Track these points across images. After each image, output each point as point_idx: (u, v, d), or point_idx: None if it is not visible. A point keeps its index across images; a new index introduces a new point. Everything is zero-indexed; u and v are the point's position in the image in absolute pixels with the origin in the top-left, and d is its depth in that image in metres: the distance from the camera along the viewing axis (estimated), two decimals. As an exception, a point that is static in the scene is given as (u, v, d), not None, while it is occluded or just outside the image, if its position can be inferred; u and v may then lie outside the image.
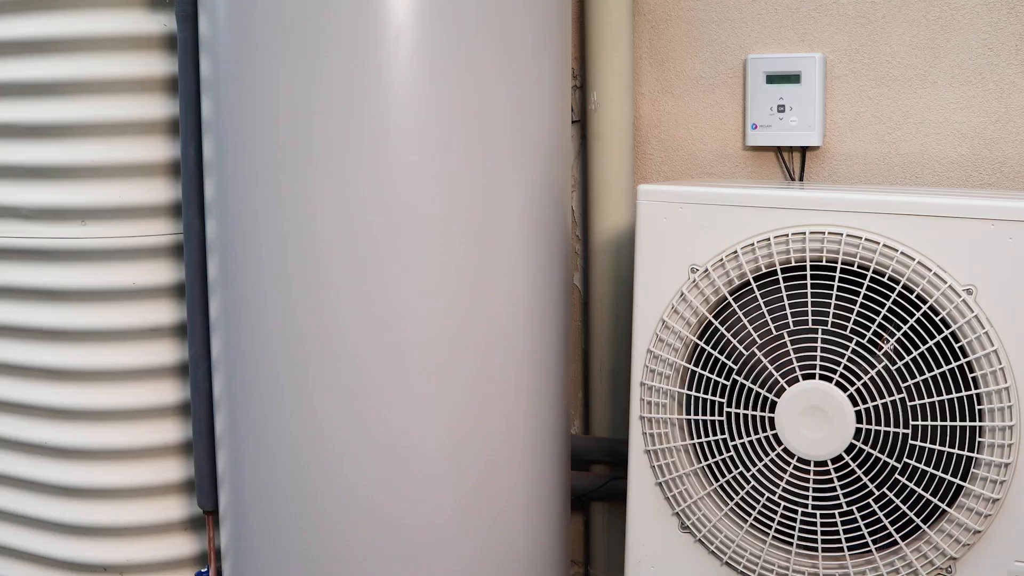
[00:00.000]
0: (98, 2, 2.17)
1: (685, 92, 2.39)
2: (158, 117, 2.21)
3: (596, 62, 2.36)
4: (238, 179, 1.94)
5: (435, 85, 1.86)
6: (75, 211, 2.22)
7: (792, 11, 2.27)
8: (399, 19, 1.83)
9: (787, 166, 2.30)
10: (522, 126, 1.96)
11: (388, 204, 1.87)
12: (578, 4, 2.43)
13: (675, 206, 1.87)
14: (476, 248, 1.92)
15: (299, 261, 1.90)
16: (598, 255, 2.43)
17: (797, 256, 1.78)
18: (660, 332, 1.90)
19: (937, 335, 1.70)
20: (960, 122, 2.16)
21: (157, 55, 2.20)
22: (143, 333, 2.27)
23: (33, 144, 2.23)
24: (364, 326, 1.89)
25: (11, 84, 2.22)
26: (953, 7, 2.14)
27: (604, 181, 2.38)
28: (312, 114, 1.86)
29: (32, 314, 2.29)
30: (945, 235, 1.69)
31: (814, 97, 2.24)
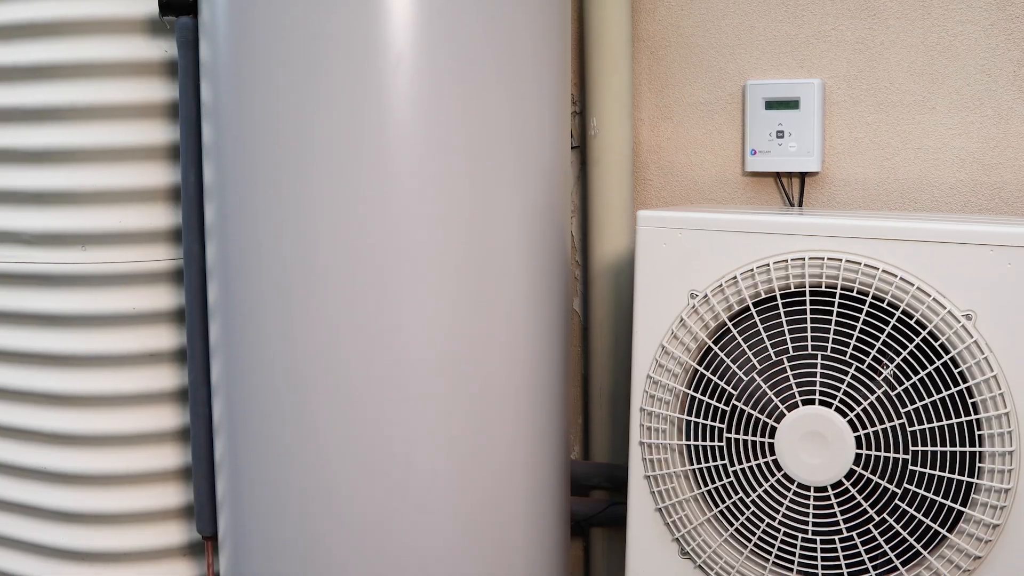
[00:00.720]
0: (99, 28, 2.18)
1: (684, 118, 2.40)
2: (158, 143, 2.22)
3: (596, 88, 2.37)
4: (239, 204, 1.94)
5: (435, 111, 1.86)
6: (75, 236, 2.23)
7: (791, 37, 2.28)
8: (399, 45, 1.84)
9: (786, 192, 2.31)
10: (522, 151, 1.97)
11: (389, 229, 1.87)
12: (578, 30, 2.44)
13: (674, 232, 1.88)
14: (476, 273, 1.93)
15: (300, 286, 1.90)
16: (598, 280, 2.43)
17: (796, 282, 1.78)
18: (660, 358, 1.90)
19: (937, 360, 1.70)
20: (958, 147, 2.17)
21: (158, 81, 2.21)
22: (143, 358, 2.27)
23: (34, 169, 2.23)
24: (364, 350, 1.89)
25: (12, 110, 2.23)
26: (951, 33, 2.15)
27: (604, 206, 2.39)
28: (312, 139, 1.86)
29: (32, 339, 2.29)
30: (944, 260, 1.69)
31: (813, 123, 2.24)
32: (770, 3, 2.29)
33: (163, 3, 2.10)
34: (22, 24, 2.20)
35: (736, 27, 2.33)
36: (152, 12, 2.18)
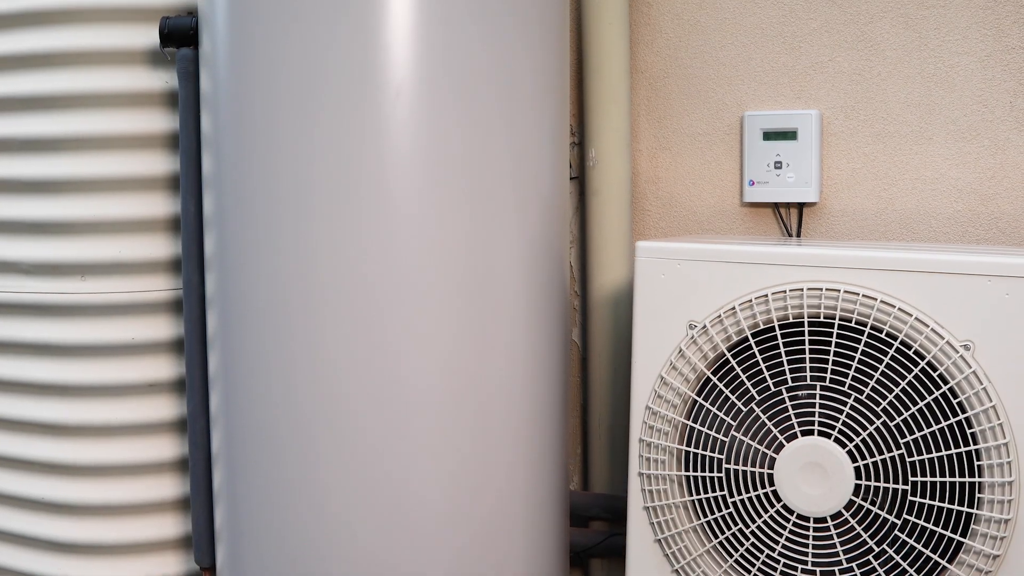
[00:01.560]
0: (101, 59, 2.19)
1: (683, 148, 2.40)
2: (158, 173, 2.22)
3: (594, 119, 2.38)
4: (238, 235, 1.95)
5: (434, 142, 1.87)
6: (75, 266, 2.23)
7: (788, 68, 2.29)
8: (398, 77, 1.85)
9: (784, 222, 2.31)
10: (521, 182, 1.97)
11: (387, 260, 1.87)
12: (576, 61, 2.45)
13: (673, 263, 1.88)
14: (475, 303, 1.93)
15: (299, 317, 1.90)
16: (597, 310, 2.43)
17: (795, 312, 1.79)
18: (659, 388, 1.90)
19: (935, 391, 1.70)
20: (956, 178, 2.17)
21: (158, 112, 2.21)
22: (141, 388, 2.27)
23: (34, 199, 2.24)
24: (363, 381, 1.89)
25: (12, 139, 2.23)
26: (948, 64, 2.16)
27: (602, 237, 2.39)
28: (312, 170, 1.87)
29: (31, 369, 2.29)
30: (942, 291, 1.70)
31: (811, 153, 2.25)
32: (767, 34, 2.31)
33: (164, 34, 2.11)
34: (24, 55, 2.21)
35: (734, 58, 2.34)
36: (153, 43, 2.19)
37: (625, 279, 2.40)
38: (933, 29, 2.17)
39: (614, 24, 2.34)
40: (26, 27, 2.21)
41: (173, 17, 2.12)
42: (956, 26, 2.15)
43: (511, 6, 1.94)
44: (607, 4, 2.34)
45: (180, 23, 2.10)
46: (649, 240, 1.95)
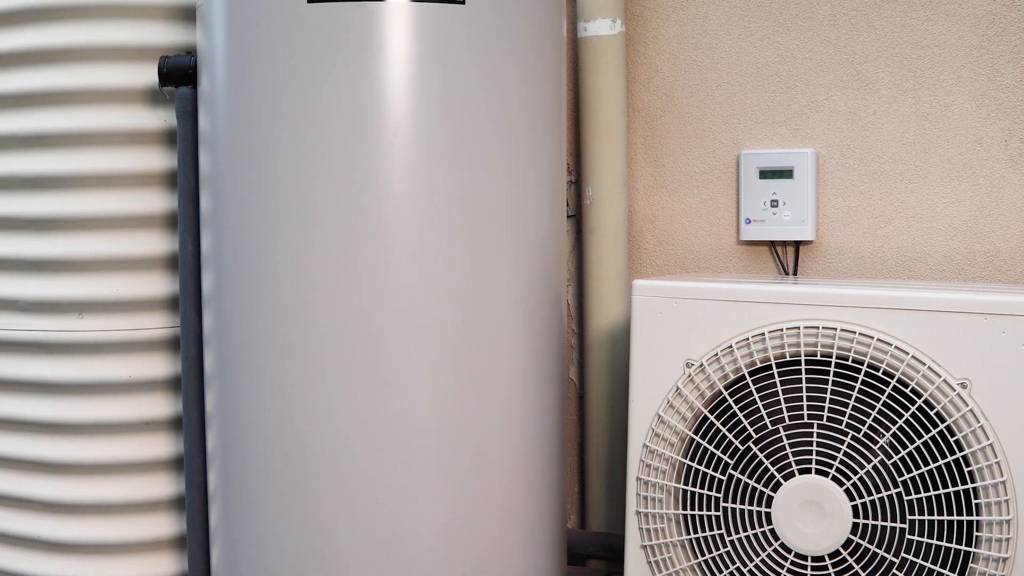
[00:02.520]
0: (100, 97, 2.20)
1: (679, 187, 2.41)
2: (157, 211, 2.23)
3: (592, 157, 2.39)
4: (236, 273, 1.95)
5: (432, 181, 1.88)
6: (72, 304, 2.23)
7: (784, 107, 2.30)
8: (396, 116, 1.85)
9: (781, 260, 2.32)
10: (519, 221, 1.98)
11: (385, 297, 1.88)
12: (573, 100, 2.46)
13: (670, 301, 1.88)
14: (472, 341, 1.93)
15: (296, 356, 1.90)
16: (594, 348, 2.43)
17: (792, 351, 1.79)
18: (656, 427, 1.90)
19: (932, 429, 1.70)
20: (951, 216, 2.18)
21: (157, 150, 2.22)
22: (138, 426, 2.26)
23: (32, 237, 2.24)
24: (360, 417, 1.89)
25: (12, 177, 2.24)
26: (943, 103, 2.18)
27: (599, 275, 2.40)
28: (310, 208, 1.87)
29: (28, 407, 2.29)
30: (938, 329, 1.70)
31: (807, 192, 2.26)
32: (763, 73, 2.32)
33: (163, 73, 2.12)
34: (24, 93, 2.22)
35: (730, 97, 2.35)
36: (152, 82, 2.20)
37: (622, 317, 2.40)
38: (928, 68, 2.19)
39: (610, 63, 2.36)
40: (26, 65, 2.22)
41: (172, 56, 2.13)
42: (950, 65, 2.17)
43: (509, 45, 1.95)
44: (604, 43, 2.36)
45: (179, 62, 2.11)
46: (646, 278, 1.95)
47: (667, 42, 2.41)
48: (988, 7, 2.14)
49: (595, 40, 2.36)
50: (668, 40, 2.41)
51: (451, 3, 1.88)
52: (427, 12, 1.86)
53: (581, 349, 2.52)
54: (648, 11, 2.42)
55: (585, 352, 2.46)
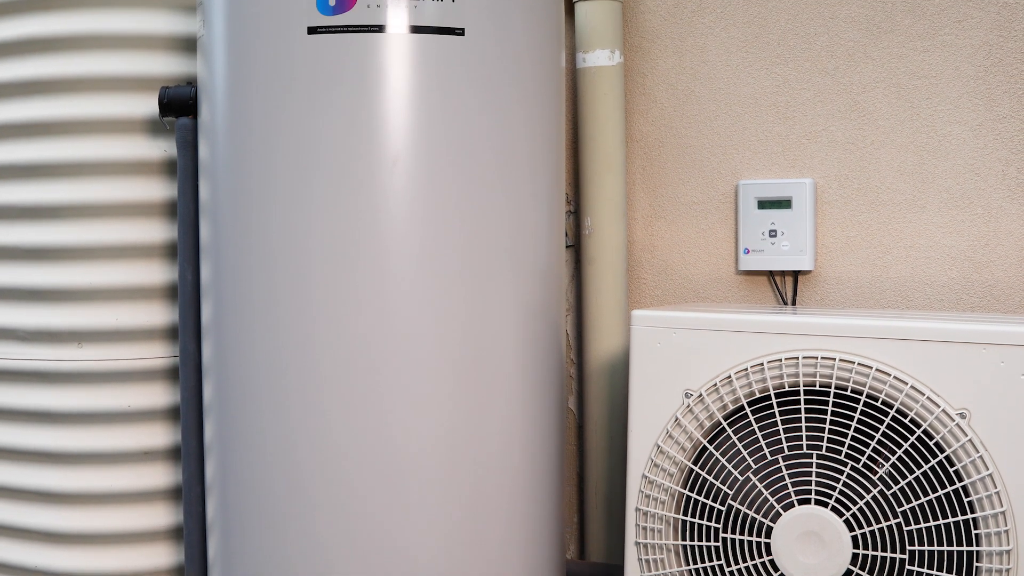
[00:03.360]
0: (100, 128, 2.21)
1: (678, 217, 2.42)
2: (156, 241, 2.23)
3: (590, 188, 2.40)
4: (235, 303, 1.95)
5: (431, 211, 1.88)
6: (72, 333, 2.23)
7: (782, 138, 2.31)
8: (395, 146, 1.86)
9: (780, 290, 2.32)
10: (518, 251, 1.98)
11: (384, 327, 1.88)
12: (572, 131, 2.47)
13: (668, 331, 1.89)
14: (471, 371, 1.93)
15: (296, 383, 1.90)
16: (593, 378, 2.43)
17: (791, 381, 1.79)
18: (655, 457, 1.90)
19: (932, 459, 1.70)
20: (949, 246, 2.19)
21: (157, 180, 2.23)
22: (137, 456, 2.26)
23: (32, 266, 2.24)
24: (361, 445, 1.89)
25: (12, 206, 2.24)
26: (940, 133, 2.18)
27: (598, 305, 2.40)
28: (309, 239, 1.88)
29: (26, 436, 2.28)
30: (937, 359, 1.70)
31: (805, 222, 2.26)
32: (761, 104, 2.33)
33: (163, 104, 2.13)
34: (25, 123, 2.23)
35: (728, 128, 2.36)
36: (153, 112, 2.21)
37: (621, 347, 2.40)
38: (925, 99, 2.20)
39: (609, 94, 2.37)
40: (28, 96, 2.23)
41: (172, 87, 2.13)
42: (948, 96, 2.18)
43: (509, 76, 1.96)
44: (603, 74, 2.37)
45: (179, 93, 2.12)
46: (645, 308, 1.96)
47: (665, 73, 2.42)
48: (984, 38, 2.15)
49: (594, 71, 2.37)
50: (666, 71, 2.42)
51: (451, 34, 1.89)
52: (427, 43, 1.87)
53: (580, 379, 2.52)
54: (647, 42, 2.43)
55: (584, 382, 2.46)
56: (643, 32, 2.44)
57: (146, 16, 2.22)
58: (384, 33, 1.86)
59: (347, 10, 1.86)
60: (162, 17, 2.22)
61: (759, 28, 2.33)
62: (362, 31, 1.86)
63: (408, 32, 1.86)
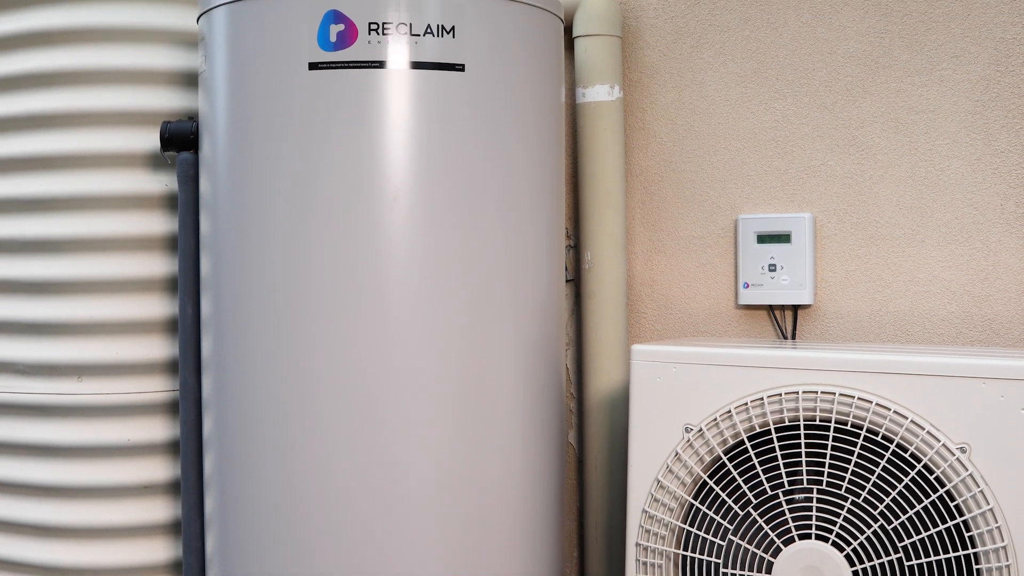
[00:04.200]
0: (102, 162, 2.22)
1: (677, 251, 2.42)
2: (157, 275, 2.24)
3: (590, 222, 2.40)
4: (236, 337, 1.96)
5: (431, 246, 1.89)
6: (72, 367, 2.23)
7: (781, 172, 2.32)
8: (396, 182, 1.87)
9: (779, 324, 2.32)
10: (518, 286, 1.98)
11: (384, 361, 1.88)
12: (572, 165, 2.48)
13: (668, 366, 1.89)
14: (471, 405, 1.93)
15: (297, 417, 1.90)
16: (593, 413, 2.43)
17: (791, 415, 1.79)
18: (655, 492, 1.89)
19: (932, 494, 1.70)
20: (949, 280, 2.19)
21: (158, 214, 2.23)
22: (136, 490, 2.25)
23: (32, 300, 2.25)
24: (361, 481, 1.89)
25: (13, 240, 2.25)
26: (939, 168, 2.19)
27: (598, 339, 2.40)
28: (309, 273, 1.88)
29: (26, 470, 2.28)
30: (937, 393, 1.70)
31: (804, 256, 2.27)
32: (760, 139, 2.34)
33: (165, 138, 2.14)
34: (27, 157, 2.24)
35: (727, 162, 2.37)
36: (154, 147, 2.22)
37: (621, 381, 2.40)
38: (923, 133, 2.20)
39: (609, 129, 2.38)
40: (29, 130, 2.24)
41: (174, 121, 2.14)
42: (946, 130, 2.19)
43: (509, 111, 1.97)
44: (602, 109, 2.38)
45: (181, 127, 2.13)
46: (645, 343, 1.96)
47: (665, 108, 2.43)
48: (982, 73, 2.16)
49: (594, 106, 2.38)
50: (666, 106, 2.43)
51: (451, 70, 1.90)
52: (427, 79, 1.88)
53: (580, 413, 2.52)
54: (646, 78, 2.45)
55: (584, 416, 2.46)
56: (642, 67, 2.45)
57: (148, 51, 2.23)
58: (385, 69, 1.87)
59: (348, 46, 1.87)
60: (164, 52, 2.24)
61: (758, 63, 2.34)
62: (363, 67, 1.87)
63: (409, 68, 1.87)
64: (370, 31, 1.87)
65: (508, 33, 1.97)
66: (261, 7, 1.92)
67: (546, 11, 2.05)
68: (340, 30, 1.87)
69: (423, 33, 1.88)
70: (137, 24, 2.22)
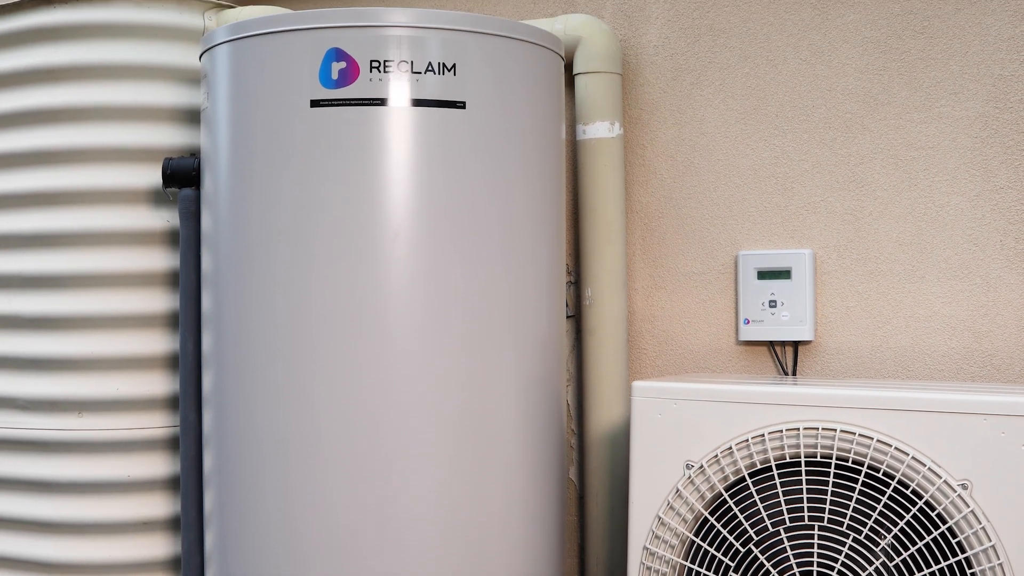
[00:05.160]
0: (104, 198, 2.22)
1: (678, 288, 2.42)
2: (158, 311, 2.24)
3: (591, 258, 2.40)
4: (237, 373, 1.96)
5: (433, 281, 1.89)
6: (72, 402, 2.23)
7: (781, 208, 2.32)
8: (397, 218, 1.87)
9: (780, 360, 2.32)
10: (519, 321, 1.99)
11: (385, 396, 1.88)
12: (572, 202, 2.48)
13: (669, 402, 1.89)
14: (471, 440, 1.93)
15: (298, 453, 1.90)
16: (594, 449, 2.43)
17: (792, 452, 1.79)
18: (656, 529, 1.89)
19: (934, 530, 1.70)
20: (949, 315, 2.19)
21: (159, 250, 2.24)
22: (136, 526, 2.25)
23: (33, 336, 2.25)
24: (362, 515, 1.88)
25: (15, 276, 2.26)
26: (938, 204, 2.20)
27: (599, 375, 2.40)
28: (311, 309, 1.88)
29: (26, 506, 2.28)
30: (938, 430, 1.70)
31: (805, 292, 2.27)
32: (760, 175, 2.34)
33: (167, 175, 2.15)
34: (29, 193, 2.25)
35: (728, 198, 2.37)
36: (155, 183, 2.23)
37: (622, 418, 2.40)
38: (923, 170, 2.21)
39: (609, 165, 2.38)
40: (33, 166, 2.25)
41: (176, 158, 2.15)
42: (945, 167, 2.19)
43: (510, 148, 1.97)
44: (602, 145, 2.38)
45: (183, 164, 2.14)
46: (645, 379, 1.96)
47: (665, 144, 2.44)
48: (980, 109, 2.17)
49: (594, 142, 2.39)
50: (666, 143, 2.44)
51: (452, 107, 1.91)
52: (429, 116, 1.89)
53: (581, 449, 2.51)
54: (646, 114, 2.46)
55: (585, 452, 2.46)
56: (642, 104, 2.46)
57: (151, 88, 2.24)
58: (386, 106, 1.88)
59: (350, 83, 1.88)
60: (167, 89, 2.25)
61: (758, 100, 2.35)
62: (365, 104, 1.88)
63: (410, 105, 1.88)
64: (372, 69, 1.88)
65: (509, 71, 1.98)
66: (263, 45, 1.93)
67: (547, 49, 2.06)
68: (342, 68, 1.88)
69: (424, 71, 1.89)
70: (140, 61, 2.24)
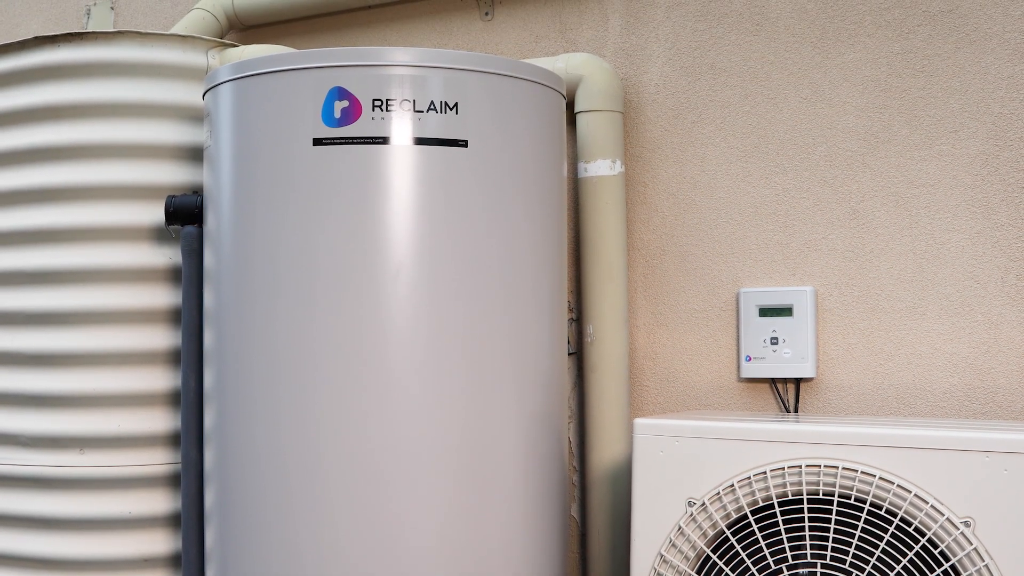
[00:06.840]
0: (106, 235, 2.23)
1: (679, 325, 2.43)
2: (160, 348, 2.24)
3: (592, 295, 2.41)
4: (238, 409, 1.96)
5: (434, 318, 1.89)
6: (73, 439, 2.23)
7: (782, 246, 2.33)
8: (399, 256, 1.88)
9: (782, 397, 2.32)
10: (520, 358, 1.99)
11: (387, 433, 1.88)
12: (574, 239, 2.49)
13: (671, 440, 1.89)
14: (473, 477, 1.93)
15: (300, 490, 1.89)
16: (595, 486, 2.42)
17: (794, 489, 1.78)
18: (659, 566, 1.88)
19: (937, 568, 1.69)
20: (951, 352, 2.19)
21: (161, 287, 2.24)
22: (137, 563, 2.24)
23: (35, 372, 2.25)
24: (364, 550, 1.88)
25: (17, 313, 2.26)
26: (939, 241, 2.20)
27: (601, 412, 2.40)
28: (312, 346, 1.89)
29: (27, 543, 2.27)
30: (941, 467, 1.70)
31: (806, 329, 2.27)
32: (762, 213, 2.35)
33: (169, 212, 2.15)
34: (32, 230, 2.25)
35: (729, 236, 2.38)
36: (158, 220, 2.24)
37: (624, 455, 2.39)
38: (924, 207, 2.22)
39: (610, 203, 2.39)
40: (36, 203, 2.26)
41: (178, 196, 2.16)
42: (946, 204, 2.20)
43: (512, 186, 1.98)
44: (604, 183, 2.39)
45: (185, 201, 2.15)
46: (647, 416, 1.96)
47: (666, 182, 2.45)
48: (980, 147, 2.18)
49: (595, 180, 2.40)
50: (667, 180, 2.45)
51: (454, 146, 1.91)
52: (430, 154, 1.90)
53: (583, 486, 2.51)
54: (647, 152, 2.47)
55: (586, 489, 2.45)
56: (644, 142, 2.47)
57: (154, 126, 2.25)
58: (388, 145, 1.89)
59: (352, 122, 1.89)
60: (169, 127, 2.26)
61: (758, 138, 2.36)
62: (367, 143, 1.89)
63: (412, 144, 1.89)
64: (374, 107, 1.89)
65: (511, 109, 1.99)
66: (266, 83, 1.94)
67: (548, 87, 2.07)
68: (344, 106, 1.89)
69: (427, 110, 1.90)
70: (144, 99, 2.25)
